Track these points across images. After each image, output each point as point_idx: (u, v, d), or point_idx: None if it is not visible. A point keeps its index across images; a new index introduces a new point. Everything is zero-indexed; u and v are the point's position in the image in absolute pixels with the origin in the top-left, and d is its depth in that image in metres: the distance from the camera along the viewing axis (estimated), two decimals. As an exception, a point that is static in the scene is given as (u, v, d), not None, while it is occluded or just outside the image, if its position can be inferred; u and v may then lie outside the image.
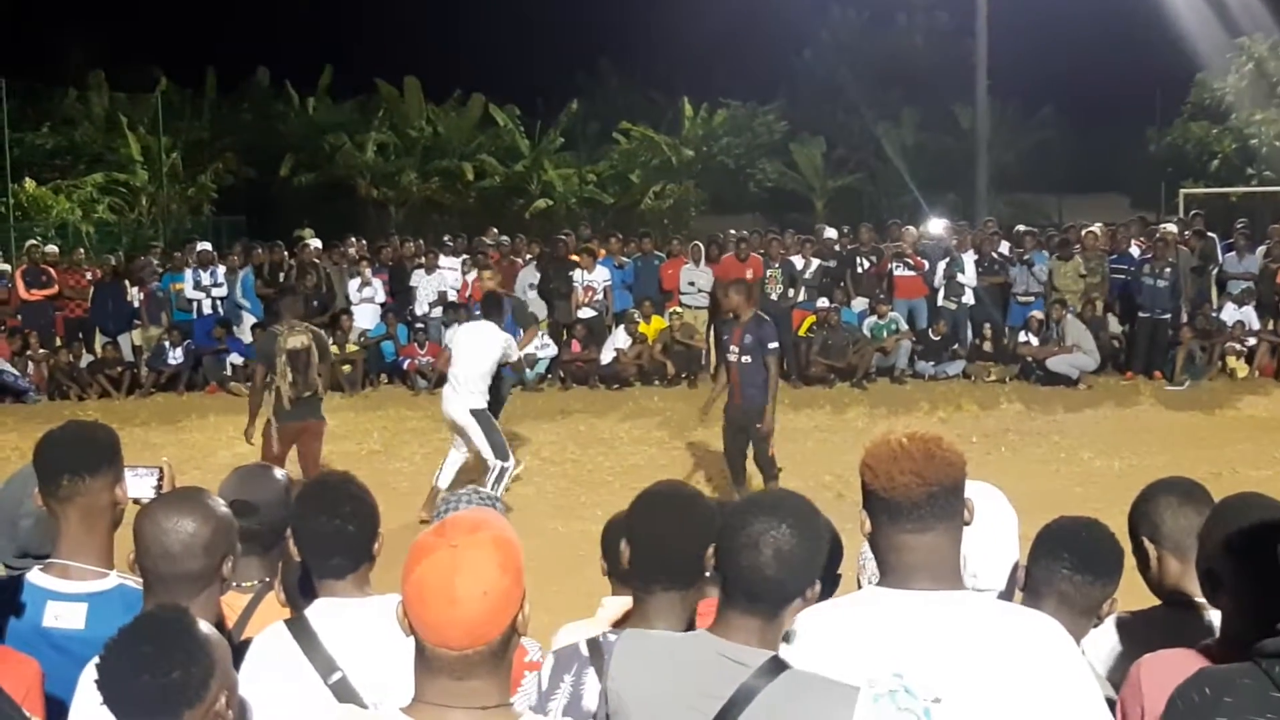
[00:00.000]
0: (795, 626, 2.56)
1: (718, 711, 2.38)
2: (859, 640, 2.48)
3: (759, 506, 2.51)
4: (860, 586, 3.48)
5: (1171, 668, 2.56)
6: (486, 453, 10.27)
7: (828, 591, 3.14)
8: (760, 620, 2.46)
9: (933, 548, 2.49)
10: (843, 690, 2.39)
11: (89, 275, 19.38)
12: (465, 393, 10.33)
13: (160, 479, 3.50)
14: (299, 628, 2.95)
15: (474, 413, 10.30)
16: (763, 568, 2.42)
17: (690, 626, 2.89)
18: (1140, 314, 17.20)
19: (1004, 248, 18.83)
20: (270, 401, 9.89)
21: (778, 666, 2.41)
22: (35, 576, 3.20)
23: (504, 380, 11.80)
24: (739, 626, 2.46)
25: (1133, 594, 3.29)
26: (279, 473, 3.81)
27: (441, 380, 10.53)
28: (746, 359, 10.16)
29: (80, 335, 18.80)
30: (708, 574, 2.96)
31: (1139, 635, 3.03)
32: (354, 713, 2.55)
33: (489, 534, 2.17)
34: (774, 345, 10.15)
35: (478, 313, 11.10)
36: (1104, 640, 3.16)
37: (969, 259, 18.19)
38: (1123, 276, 17.78)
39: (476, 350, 10.44)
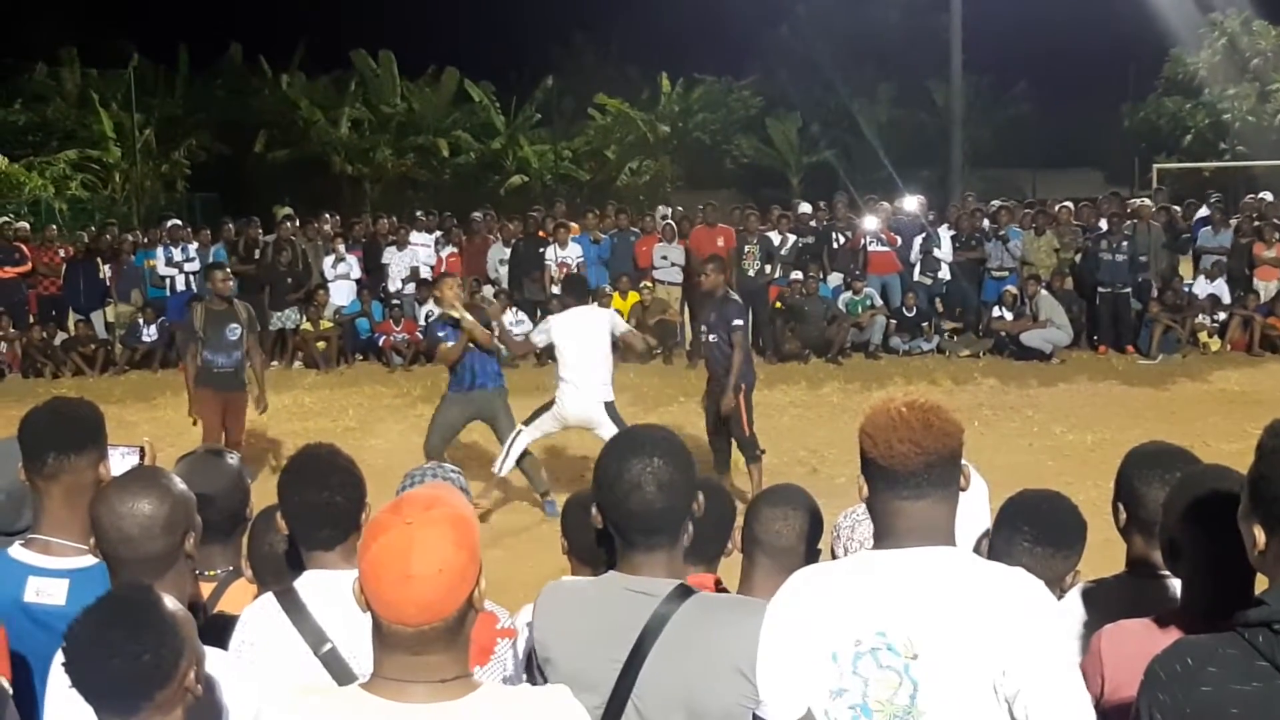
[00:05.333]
0: (790, 582, 2.62)
1: (634, 642, 2.50)
2: (848, 600, 2.52)
3: (627, 449, 2.62)
4: (835, 558, 3.51)
5: (1131, 637, 2.62)
6: None
7: (810, 563, 3.18)
8: (664, 552, 2.60)
9: (928, 513, 2.53)
10: (751, 604, 2.53)
11: (62, 252, 19.27)
12: (597, 385, 9.54)
13: (141, 458, 3.48)
14: (288, 599, 2.95)
15: (607, 406, 9.55)
16: (652, 503, 2.55)
17: None
18: (1100, 289, 17.23)
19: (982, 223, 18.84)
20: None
21: (685, 593, 2.53)
22: (16, 551, 3.20)
23: None
24: (643, 563, 2.59)
25: (1098, 566, 3.35)
26: (231, 456, 3.71)
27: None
28: (713, 338, 10.05)
29: (54, 313, 18.73)
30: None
31: (1101, 604, 3.07)
32: (318, 687, 2.56)
33: (444, 511, 2.17)
34: (738, 323, 9.90)
35: (568, 301, 10.08)
36: (1067, 610, 3.20)
37: (945, 234, 18.26)
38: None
39: (594, 338, 9.60)
